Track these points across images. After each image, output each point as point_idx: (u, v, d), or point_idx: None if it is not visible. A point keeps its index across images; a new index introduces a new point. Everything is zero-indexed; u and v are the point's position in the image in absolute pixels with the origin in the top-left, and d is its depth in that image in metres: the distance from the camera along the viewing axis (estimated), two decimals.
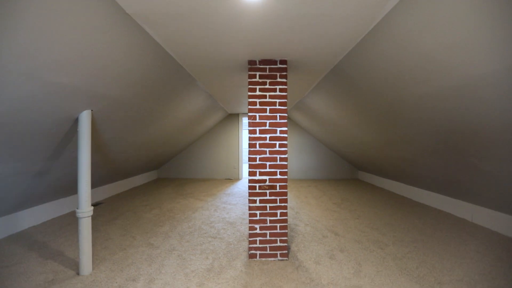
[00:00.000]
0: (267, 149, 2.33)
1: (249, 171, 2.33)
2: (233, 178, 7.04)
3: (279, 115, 2.34)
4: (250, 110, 2.33)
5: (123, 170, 4.87)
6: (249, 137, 2.32)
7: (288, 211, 3.84)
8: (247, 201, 4.50)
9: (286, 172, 2.35)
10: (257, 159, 2.33)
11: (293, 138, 7.05)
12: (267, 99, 2.33)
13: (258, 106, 2.33)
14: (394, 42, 1.88)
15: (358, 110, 3.55)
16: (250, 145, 2.32)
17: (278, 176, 2.34)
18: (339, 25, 1.76)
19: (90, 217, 2.07)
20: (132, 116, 3.06)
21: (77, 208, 2.03)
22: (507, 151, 2.16)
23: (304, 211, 3.86)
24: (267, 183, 2.33)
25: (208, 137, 7.09)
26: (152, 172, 6.83)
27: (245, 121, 9.64)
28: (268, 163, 2.33)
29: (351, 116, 3.97)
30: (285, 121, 2.34)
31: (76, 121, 2.20)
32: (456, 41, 1.57)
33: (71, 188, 3.50)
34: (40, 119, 1.95)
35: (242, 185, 6.04)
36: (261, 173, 2.33)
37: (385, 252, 2.45)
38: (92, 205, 4.12)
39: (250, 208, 2.33)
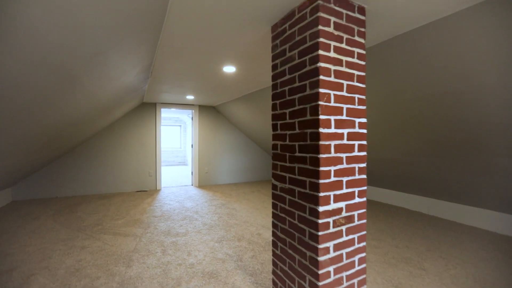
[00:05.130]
0: (344, 155, 1.35)
1: (320, 197, 1.26)
2: (149, 189, 5.15)
3: (358, 98, 1.41)
4: (323, 84, 1.27)
5: None
6: (321, 133, 1.26)
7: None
8: (196, 224, 3.14)
9: (365, 191, 1.45)
10: (332, 173, 1.30)
11: (224, 135, 6.00)
12: (344, 68, 1.35)
13: (332, 78, 1.30)
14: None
15: None
16: (323, 148, 1.26)
17: (356, 199, 1.41)
18: None
19: None
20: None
21: None
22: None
23: None
24: (344, 213, 1.35)
25: (108, 134, 4.83)
26: (2, 193, 3.87)
27: (164, 114, 7.38)
28: (344, 179, 1.35)
29: None
30: (365, 107, 1.44)
31: None
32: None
33: None
34: None
35: (169, 199, 4.41)
36: (336, 198, 1.32)
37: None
38: None
39: (321, 265, 1.27)
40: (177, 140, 10.44)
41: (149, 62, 2.41)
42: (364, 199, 1.43)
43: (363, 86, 1.42)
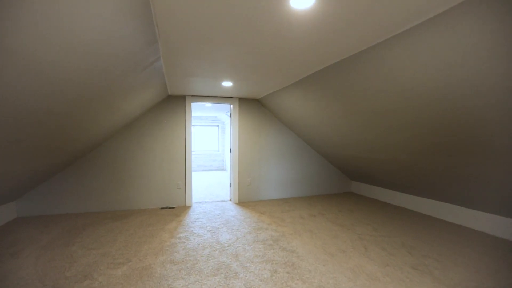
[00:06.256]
0: None
1: None
2: (176, 206, 4.05)
3: None
4: None
5: None
6: None
7: None
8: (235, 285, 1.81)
9: None
10: None
11: (270, 136, 4.64)
12: None
13: None
14: None
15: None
16: None
17: None
18: None
19: None
20: None
21: None
22: None
23: None
24: None
25: (126, 136, 3.86)
26: (6, 207, 3.17)
27: (200, 112, 6.20)
28: None
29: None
30: None
31: None
32: None
33: None
34: None
35: (199, 224, 3.20)
36: None
37: None
38: None
39: None
40: (214, 142, 9.47)
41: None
42: None
43: None
